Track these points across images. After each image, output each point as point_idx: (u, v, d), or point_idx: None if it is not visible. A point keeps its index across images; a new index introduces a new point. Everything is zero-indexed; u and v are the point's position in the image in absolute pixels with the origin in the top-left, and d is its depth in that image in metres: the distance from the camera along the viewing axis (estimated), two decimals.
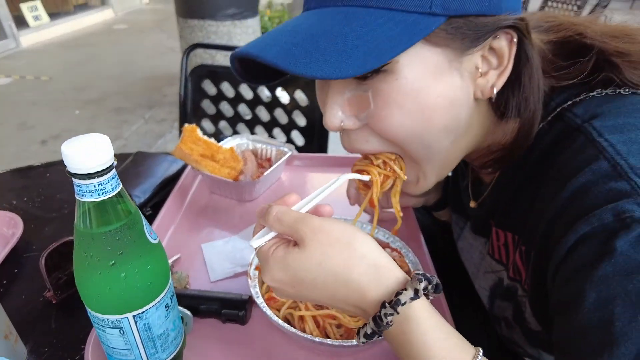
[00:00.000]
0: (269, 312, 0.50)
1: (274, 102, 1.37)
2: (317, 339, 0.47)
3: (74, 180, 0.34)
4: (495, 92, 0.42)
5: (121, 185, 0.37)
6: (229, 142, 0.84)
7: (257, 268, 0.57)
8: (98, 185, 0.34)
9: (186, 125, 0.77)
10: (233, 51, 0.41)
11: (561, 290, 0.36)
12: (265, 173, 0.77)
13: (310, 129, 1.36)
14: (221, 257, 0.65)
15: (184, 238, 0.70)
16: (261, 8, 4.52)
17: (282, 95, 1.37)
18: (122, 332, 0.40)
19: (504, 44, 0.41)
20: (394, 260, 0.59)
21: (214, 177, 0.75)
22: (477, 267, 0.63)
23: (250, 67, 0.45)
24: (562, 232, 0.37)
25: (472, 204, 0.58)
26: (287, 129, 1.40)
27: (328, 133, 1.36)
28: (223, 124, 1.48)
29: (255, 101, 1.40)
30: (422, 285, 0.35)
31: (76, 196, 0.35)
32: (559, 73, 0.45)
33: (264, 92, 1.37)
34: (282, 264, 0.37)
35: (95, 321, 0.41)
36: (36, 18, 5.86)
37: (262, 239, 0.39)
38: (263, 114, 1.41)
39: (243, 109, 1.44)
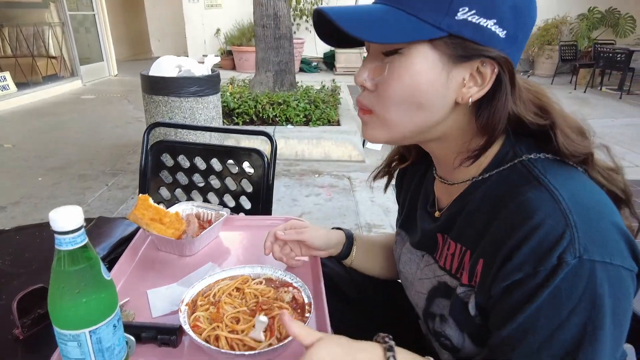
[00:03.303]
0: (193, 335, 0.67)
1: (225, 172, 1.59)
2: (223, 350, 0.64)
3: (56, 235, 0.53)
4: (470, 101, 0.59)
5: (87, 239, 0.56)
6: (175, 208, 1.03)
7: (187, 305, 0.74)
8: (72, 239, 0.53)
9: (140, 194, 0.96)
10: (318, 7, 0.60)
11: (511, 303, 0.55)
12: (202, 233, 0.96)
13: (256, 195, 1.57)
14: (162, 299, 0.82)
15: (133, 286, 0.87)
16: (224, 83, 4.89)
17: (231, 167, 1.59)
18: (79, 344, 0.57)
19: (488, 70, 0.57)
20: (294, 297, 0.78)
21: (161, 236, 0.94)
22: (413, 276, 0.79)
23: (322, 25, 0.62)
24: (522, 261, 0.53)
25: (437, 214, 0.74)
26: (236, 195, 1.61)
27: (272, 198, 1.58)
28: (179, 191, 1.68)
29: (208, 171, 1.62)
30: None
31: (56, 246, 0.54)
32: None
33: (216, 165, 1.59)
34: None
35: (59, 337, 0.57)
36: (3, 88, 6.02)
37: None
38: (215, 182, 1.62)
39: (197, 178, 1.64)
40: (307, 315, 0.72)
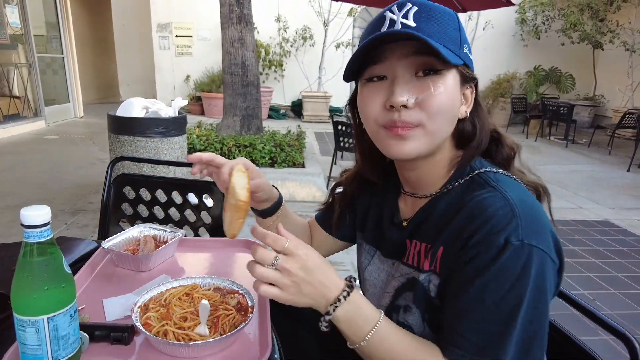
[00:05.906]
0: (143, 329, 0.75)
1: (185, 204, 1.67)
2: (170, 342, 0.72)
3: (25, 229, 0.62)
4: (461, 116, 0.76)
5: (52, 234, 0.64)
6: (133, 229, 1.11)
7: (139, 307, 0.82)
8: (39, 232, 0.62)
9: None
10: (408, 31, 0.69)
11: (464, 275, 0.66)
12: (158, 249, 1.04)
13: (215, 226, 1.65)
14: (117, 306, 0.88)
15: (89, 296, 0.93)
16: (192, 127, 5.00)
17: (192, 199, 1.67)
18: (37, 330, 0.63)
19: (469, 92, 0.77)
20: (239, 301, 0.86)
21: (119, 252, 1.01)
22: (383, 282, 0.87)
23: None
24: (478, 240, 0.65)
25: (405, 223, 0.84)
26: (195, 227, 1.68)
27: None
28: (139, 223, 1.73)
29: (169, 204, 1.69)
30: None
31: (24, 239, 0.62)
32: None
33: (177, 197, 1.67)
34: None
35: (19, 324, 0.64)
36: None
37: None
38: (175, 214, 1.69)
39: (158, 210, 1.71)
40: (249, 315, 0.81)
